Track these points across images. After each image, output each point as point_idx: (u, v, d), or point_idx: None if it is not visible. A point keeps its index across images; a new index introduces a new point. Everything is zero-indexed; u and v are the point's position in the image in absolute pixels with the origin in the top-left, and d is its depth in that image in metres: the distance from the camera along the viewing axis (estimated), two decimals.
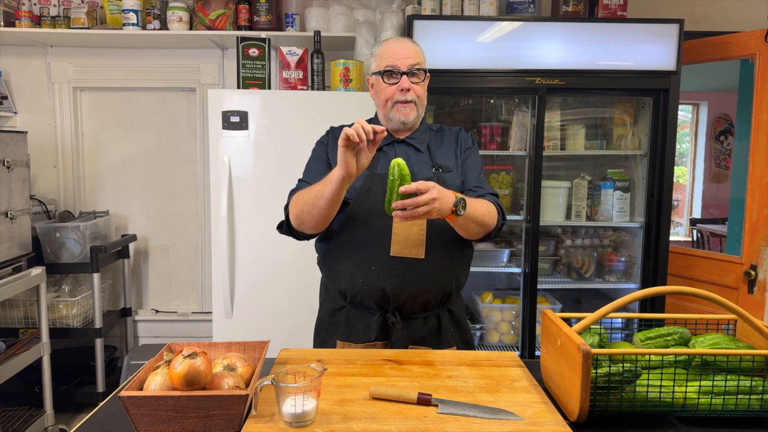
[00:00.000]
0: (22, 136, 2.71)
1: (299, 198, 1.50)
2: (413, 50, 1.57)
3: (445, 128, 1.71)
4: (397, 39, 1.60)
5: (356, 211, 1.53)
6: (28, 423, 2.63)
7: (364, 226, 1.53)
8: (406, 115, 1.56)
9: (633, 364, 1.10)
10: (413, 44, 1.59)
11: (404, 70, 1.54)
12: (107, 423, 1.11)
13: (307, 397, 1.05)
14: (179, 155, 3.40)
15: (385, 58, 1.56)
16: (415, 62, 1.55)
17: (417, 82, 1.56)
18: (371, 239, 1.52)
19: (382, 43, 1.61)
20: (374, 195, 1.52)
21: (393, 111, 1.57)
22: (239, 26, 3.02)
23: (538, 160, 2.70)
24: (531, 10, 2.80)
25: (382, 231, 1.51)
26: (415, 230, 1.50)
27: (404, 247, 1.50)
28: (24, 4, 3.02)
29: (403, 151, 1.60)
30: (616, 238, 3.10)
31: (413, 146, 1.61)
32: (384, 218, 1.48)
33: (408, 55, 1.55)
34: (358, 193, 1.53)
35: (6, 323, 2.86)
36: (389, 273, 1.50)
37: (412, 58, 1.55)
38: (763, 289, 2.62)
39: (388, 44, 1.58)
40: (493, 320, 2.99)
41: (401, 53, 1.55)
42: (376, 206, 1.49)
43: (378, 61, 1.59)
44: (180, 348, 1.16)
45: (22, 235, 2.67)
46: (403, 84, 1.54)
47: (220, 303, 2.62)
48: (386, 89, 1.57)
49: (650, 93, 2.72)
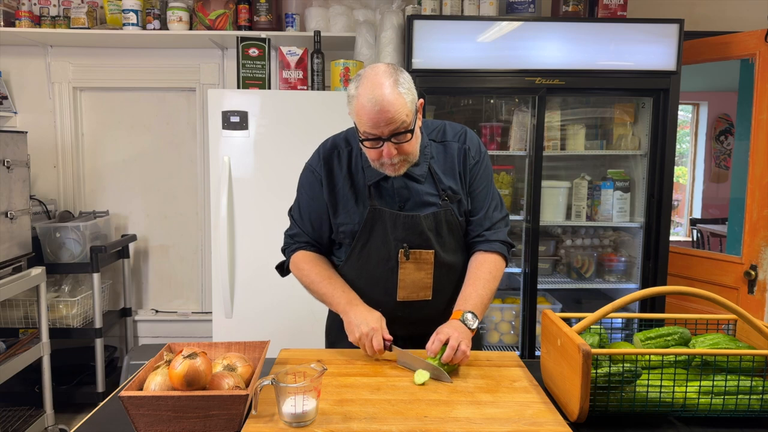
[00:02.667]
0: (22, 136, 2.71)
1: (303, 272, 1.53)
2: (393, 110, 1.28)
3: (449, 134, 1.52)
4: (372, 98, 1.28)
5: (359, 251, 1.49)
6: (28, 423, 2.63)
7: (368, 270, 1.49)
8: (396, 171, 1.39)
9: (633, 364, 1.10)
10: (394, 96, 1.28)
11: (386, 137, 1.32)
12: (107, 423, 1.11)
13: (307, 397, 1.05)
14: (179, 155, 3.40)
15: (361, 121, 1.32)
16: (398, 125, 1.30)
17: (405, 141, 1.34)
18: (377, 284, 1.48)
19: (357, 94, 1.31)
20: (376, 236, 1.46)
21: (382, 168, 1.40)
22: (239, 26, 3.02)
23: (538, 160, 2.70)
24: (531, 10, 2.79)
25: (387, 276, 1.47)
26: (422, 275, 1.47)
27: (411, 292, 1.48)
28: (24, 4, 3.02)
29: (402, 182, 1.45)
30: (616, 238, 3.10)
31: (413, 178, 1.45)
32: (389, 262, 1.46)
33: (388, 120, 1.28)
34: (359, 236, 1.46)
35: (6, 323, 2.86)
36: (396, 316, 1.47)
37: (394, 122, 1.29)
38: (763, 289, 2.61)
39: (362, 105, 1.29)
40: (493, 320, 2.99)
41: (379, 120, 1.28)
42: (380, 249, 1.46)
43: (356, 118, 1.34)
44: (180, 348, 1.16)
45: (22, 235, 2.67)
46: (388, 154, 1.33)
47: (220, 303, 2.62)
48: (370, 152, 1.38)
49: (650, 93, 2.71)
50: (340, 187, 1.49)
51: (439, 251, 1.46)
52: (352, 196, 1.47)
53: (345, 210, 1.48)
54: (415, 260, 1.45)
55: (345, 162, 1.49)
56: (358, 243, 1.47)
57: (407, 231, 1.44)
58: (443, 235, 1.47)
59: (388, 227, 1.44)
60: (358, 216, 1.46)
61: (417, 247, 1.45)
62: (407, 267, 1.45)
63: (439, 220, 1.46)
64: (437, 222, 1.46)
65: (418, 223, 1.44)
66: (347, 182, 1.48)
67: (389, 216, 1.44)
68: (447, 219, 1.47)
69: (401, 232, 1.44)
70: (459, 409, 1.13)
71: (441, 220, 1.46)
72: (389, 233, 1.44)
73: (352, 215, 1.47)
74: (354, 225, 1.47)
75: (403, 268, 1.45)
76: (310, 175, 1.53)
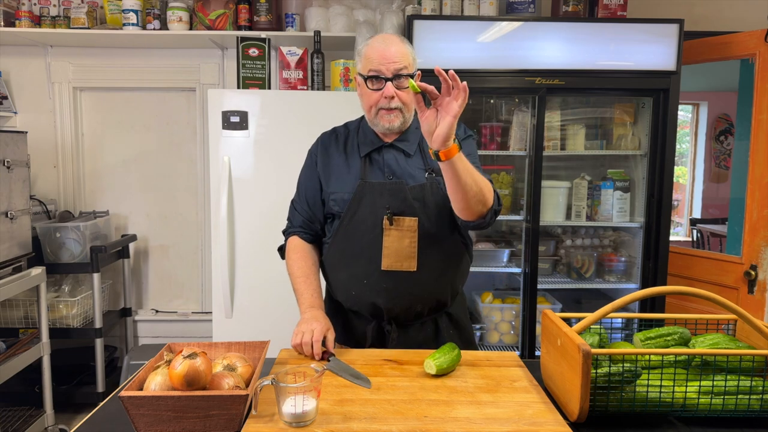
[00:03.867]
0: (22, 136, 2.71)
1: (288, 262, 1.61)
2: (400, 53, 1.44)
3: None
4: (383, 39, 1.47)
5: (347, 223, 1.52)
6: (28, 423, 2.63)
7: (355, 239, 1.52)
8: (390, 122, 1.49)
9: (633, 364, 1.10)
10: (401, 44, 1.46)
11: (389, 76, 1.43)
12: (107, 423, 1.11)
13: (307, 397, 1.05)
14: (179, 155, 3.40)
15: (369, 60, 1.45)
16: (402, 66, 1.44)
17: (404, 87, 1.46)
18: (362, 253, 1.51)
19: (368, 42, 1.49)
20: (365, 206, 1.50)
21: (377, 117, 1.50)
22: (239, 26, 3.02)
23: (538, 160, 2.70)
24: (531, 10, 2.79)
25: (372, 244, 1.50)
26: (406, 243, 1.49)
27: (395, 260, 1.49)
28: (24, 4, 3.02)
29: (392, 156, 1.54)
30: (616, 238, 3.10)
31: (403, 150, 1.55)
32: (375, 231, 1.49)
33: (393, 58, 1.43)
34: (349, 205, 1.51)
35: (6, 323, 2.86)
36: (381, 287, 1.50)
37: (398, 61, 1.43)
38: (763, 289, 2.61)
39: (373, 45, 1.46)
40: (493, 320, 2.99)
41: (386, 57, 1.43)
42: (367, 219, 1.50)
43: (362, 63, 1.48)
44: (180, 348, 1.16)
45: (22, 235, 2.67)
46: (387, 92, 1.45)
47: (220, 303, 2.62)
48: (370, 95, 1.48)
49: (650, 93, 2.71)
50: (335, 159, 1.59)
51: (423, 220, 1.49)
52: (346, 168, 1.57)
53: (338, 180, 1.57)
54: (398, 227, 1.48)
55: (342, 141, 1.62)
56: (347, 213, 1.52)
57: (392, 197, 1.49)
58: (429, 207, 1.51)
59: (376, 196, 1.50)
60: (350, 186, 1.53)
61: (400, 213, 1.49)
62: (392, 234, 1.48)
63: (426, 192, 1.51)
64: (424, 193, 1.51)
65: (402, 189, 1.49)
66: (341, 156, 1.59)
67: (377, 186, 1.51)
68: (433, 192, 1.51)
69: (387, 199, 1.49)
70: (459, 409, 1.13)
71: (428, 192, 1.51)
72: (376, 202, 1.50)
73: (344, 185, 1.55)
74: (345, 194, 1.53)
75: (387, 235, 1.48)
76: (308, 158, 1.66)
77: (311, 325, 1.40)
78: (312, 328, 1.39)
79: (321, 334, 1.38)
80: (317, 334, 1.37)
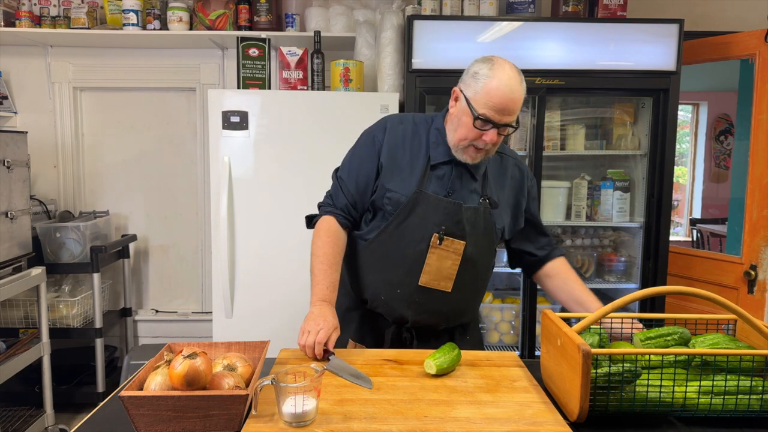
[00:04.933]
0: (22, 136, 2.71)
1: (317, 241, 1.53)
2: (518, 104, 1.39)
3: (505, 149, 1.61)
4: (510, 84, 1.36)
5: (394, 227, 1.49)
6: (28, 423, 2.63)
7: (398, 247, 1.49)
8: (473, 159, 1.46)
9: (633, 364, 1.10)
10: (521, 92, 1.39)
11: (499, 125, 1.39)
12: (107, 423, 1.11)
13: (307, 397, 1.05)
14: (179, 155, 3.40)
15: (488, 100, 1.37)
16: (514, 118, 1.40)
17: (507, 134, 1.45)
18: (403, 262, 1.49)
19: (493, 75, 1.37)
20: (416, 216, 1.47)
21: (464, 150, 1.45)
22: (239, 26, 3.02)
23: (538, 160, 2.70)
24: (531, 10, 2.79)
25: (415, 257, 1.47)
26: (448, 264, 1.47)
27: (434, 278, 1.48)
28: (24, 4, 3.02)
29: (458, 174, 1.50)
30: (616, 238, 3.09)
31: (469, 172, 1.51)
32: (420, 244, 1.46)
33: (512, 111, 1.38)
34: (401, 210, 1.48)
35: (6, 323, 2.86)
36: (413, 300, 1.49)
37: (514, 113, 1.39)
38: (763, 289, 2.61)
39: (499, 87, 1.36)
40: (493, 320, 2.99)
41: (507, 108, 1.37)
42: (416, 230, 1.47)
43: (479, 95, 1.38)
44: (180, 348, 1.16)
45: (22, 235, 2.67)
46: (491, 139, 1.40)
47: (220, 303, 2.62)
48: (470, 130, 1.41)
49: (650, 93, 2.71)
50: (401, 156, 1.52)
51: (470, 245, 1.48)
52: (409, 169, 1.51)
53: (400, 178, 1.50)
54: (445, 248, 1.46)
55: (409, 137, 1.54)
56: (397, 218, 1.48)
57: (446, 216, 1.46)
58: (478, 232, 1.49)
59: (430, 210, 1.47)
60: (409, 190, 1.48)
61: (451, 234, 1.46)
62: (436, 252, 1.47)
63: (479, 216, 1.49)
64: (476, 216, 1.49)
65: (458, 210, 1.46)
66: (407, 155, 1.52)
67: (434, 200, 1.47)
68: (485, 218, 1.50)
69: (441, 216, 1.46)
70: (459, 409, 1.13)
71: (479, 216, 1.49)
72: (429, 216, 1.47)
73: (405, 186, 1.49)
74: (402, 196, 1.48)
75: (432, 253, 1.46)
76: (369, 139, 1.56)
77: (318, 324, 1.37)
78: (318, 328, 1.35)
79: (326, 336, 1.35)
80: (322, 336, 1.34)
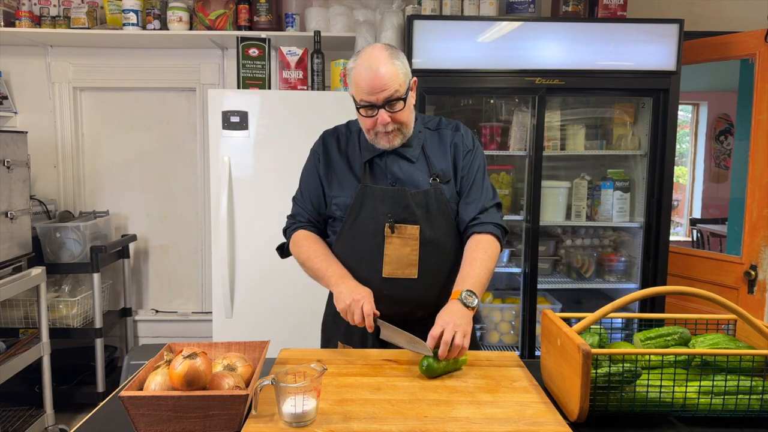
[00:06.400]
0: (22, 136, 2.71)
1: (301, 249, 1.56)
2: (387, 77, 1.38)
3: (443, 123, 1.61)
4: (369, 64, 1.39)
5: (348, 228, 1.52)
6: (28, 423, 2.63)
7: (356, 245, 1.52)
8: (390, 142, 1.48)
9: (633, 364, 1.10)
10: (388, 64, 1.39)
11: (381, 104, 1.40)
12: (107, 423, 1.11)
13: (307, 397, 1.05)
14: (179, 155, 3.40)
15: (358, 88, 1.41)
16: (392, 92, 1.39)
17: (398, 110, 1.43)
18: (363, 258, 1.51)
19: (355, 65, 1.42)
20: (366, 212, 1.50)
21: (377, 139, 1.48)
22: (239, 26, 3.02)
23: (538, 160, 2.70)
24: (531, 10, 2.79)
25: (374, 251, 1.49)
26: (407, 251, 1.49)
27: (396, 268, 1.49)
28: (24, 4, 3.02)
29: (395, 161, 1.52)
30: (616, 238, 3.10)
31: (402, 157, 1.53)
32: (376, 237, 1.48)
33: (382, 86, 1.38)
34: (350, 210, 1.51)
35: (6, 323, 2.86)
36: (382, 293, 1.48)
37: (388, 89, 1.39)
38: (763, 289, 2.61)
39: (360, 72, 1.40)
40: (493, 320, 2.99)
41: (375, 86, 1.38)
42: (369, 224, 1.49)
43: (353, 88, 1.44)
44: (180, 348, 1.16)
45: (22, 235, 2.67)
46: (382, 120, 1.42)
47: (220, 303, 2.62)
48: (365, 120, 1.46)
49: (650, 93, 2.71)
50: (336, 162, 1.58)
51: (425, 228, 1.49)
52: (348, 172, 1.55)
53: (339, 184, 1.55)
54: (400, 235, 1.48)
55: (344, 142, 1.60)
56: (349, 218, 1.52)
57: (394, 204, 1.48)
58: (432, 214, 1.50)
59: (377, 202, 1.49)
60: (351, 191, 1.52)
61: (402, 221, 1.48)
62: (393, 242, 1.48)
63: (429, 199, 1.50)
64: (427, 200, 1.50)
65: (404, 196, 1.48)
66: (343, 159, 1.57)
67: (379, 192, 1.50)
68: (437, 198, 1.51)
69: (388, 206, 1.48)
70: (459, 409, 1.13)
71: (431, 198, 1.50)
72: (378, 208, 1.49)
73: (346, 189, 1.54)
74: (347, 198, 1.52)
75: (389, 243, 1.48)
76: (311, 156, 1.64)
77: (355, 298, 1.37)
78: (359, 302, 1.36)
79: (370, 307, 1.35)
80: (368, 308, 1.35)
